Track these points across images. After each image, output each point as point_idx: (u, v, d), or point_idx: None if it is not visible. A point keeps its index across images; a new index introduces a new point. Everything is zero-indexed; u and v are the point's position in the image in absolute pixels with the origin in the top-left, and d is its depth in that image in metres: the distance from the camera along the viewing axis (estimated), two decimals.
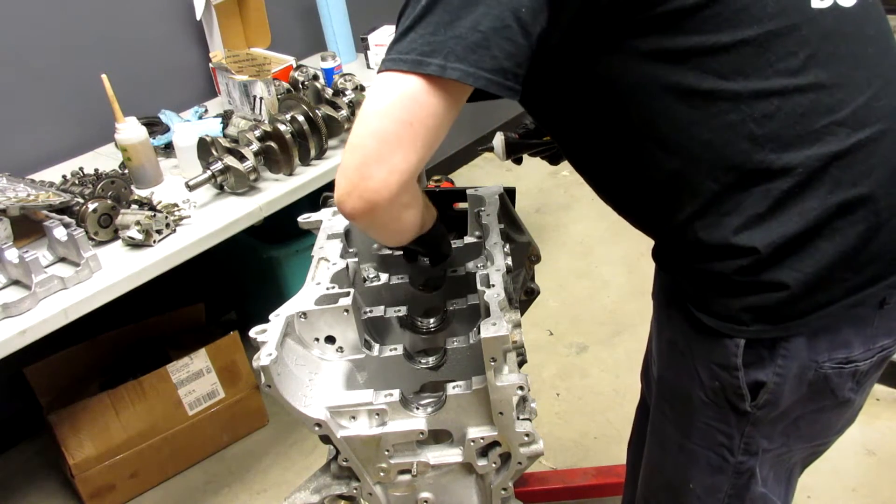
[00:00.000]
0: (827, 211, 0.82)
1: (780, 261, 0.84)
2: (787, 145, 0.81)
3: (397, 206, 0.81)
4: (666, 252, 0.97)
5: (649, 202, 0.94)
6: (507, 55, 0.75)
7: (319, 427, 0.90)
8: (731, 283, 0.88)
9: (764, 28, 0.79)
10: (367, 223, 0.83)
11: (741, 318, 0.89)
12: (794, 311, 0.87)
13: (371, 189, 0.76)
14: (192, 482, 2.11)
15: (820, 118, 0.81)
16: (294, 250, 2.18)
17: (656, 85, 0.82)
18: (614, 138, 0.90)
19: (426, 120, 0.76)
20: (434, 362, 0.99)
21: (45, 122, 2.04)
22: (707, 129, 0.83)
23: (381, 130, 0.75)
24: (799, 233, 0.83)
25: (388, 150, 0.75)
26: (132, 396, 1.97)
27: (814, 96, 0.81)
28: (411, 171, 0.77)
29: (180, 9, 2.25)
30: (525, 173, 3.42)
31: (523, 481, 1.82)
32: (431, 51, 0.74)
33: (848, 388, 0.94)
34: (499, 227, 1.12)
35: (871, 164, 0.82)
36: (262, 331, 0.91)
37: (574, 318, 2.54)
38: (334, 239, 1.11)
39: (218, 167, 1.70)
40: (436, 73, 0.73)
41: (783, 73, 0.80)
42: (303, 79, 2.09)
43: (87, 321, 1.54)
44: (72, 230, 1.51)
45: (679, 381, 1.00)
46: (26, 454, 2.23)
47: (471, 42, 0.73)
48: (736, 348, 0.90)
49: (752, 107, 0.81)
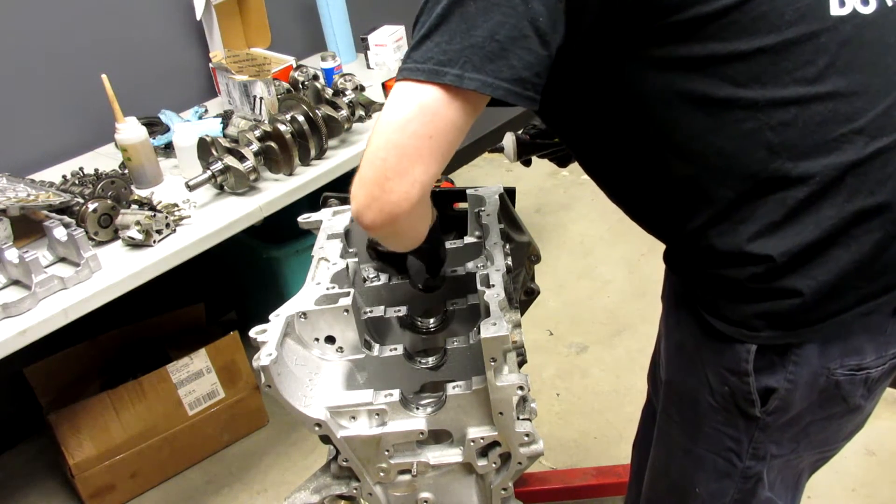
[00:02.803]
0: (843, 220, 0.82)
1: (794, 269, 0.84)
2: (805, 154, 0.81)
3: (416, 216, 0.82)
4: (678, 256, 0.97)
5: (663, 208, 0.94)
6: (525, 65, 0.75)
7: (319, 427, 0.90)
8: (744, 289, 0.87)
9: (782, 36, 0.78)
10: (387, 233, 0.84)
11: (753, 323, 0.88)
12: (807, 318, 0.86)
13: (392, 202, 0.76)
14: (192, 482, 2.11)
15: (838, 127, 0.80)
16: (294, 250, 2.18)
17: (672, 92, 0.82)
18: (629, 145, 0.90)
19: (446, 132, 0.76)
20: (434, 362, 0.99)
21: (46, 122, 2.04)
22: (723, 137, 0.82)
23: (402, 145, 0.74)
24: (815, 241, 0.82)
25: (409, 163, 0.75)
26: (132, 396, 1.97)
27: (832, 105, 0.80)
28: (431, 182, 0.78)
29: (180, 9, 2.25)
30: (525, 173, 3.41)
31: (523, 481, 1.82)
32: (448, 60, 0.73)
33: (859, 394, 0.93)
34: (499, 227, 1.12)
35: (887, 173, 0.81)
36: (262, 331, 0.91)
37: (574, 318, 2.54)
38: (334, 239, 1.11)
39: (218, 167, 1.70)
40: (453, 83, 0.73)
41: (801, 82, 0.79)
42: (303, 79, 2.09)
43: (87, 321, 1.54)
44: (72, 230, 1.51)
45: (687, 385, 1.00)
46: (26, 454, 2.22)
47: (488, 51, 0.73)
48: (747, 354, 0.90)
49: (769, 115, 0.80)
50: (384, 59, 2.45)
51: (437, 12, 0.74)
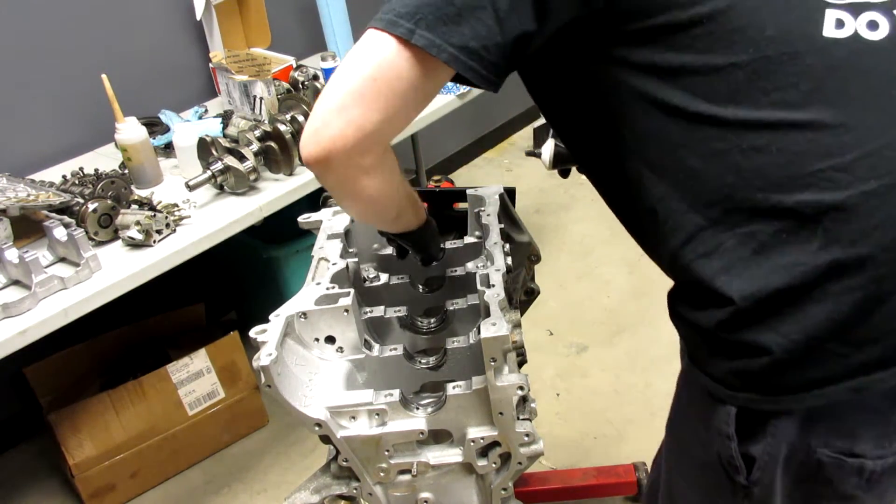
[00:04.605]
0: (817, 269, 0.73)
1: (760, 319, 0.76)
2: (777, 185, 0.74)
3: (354, 167, 0.78)
4: (670, 296, 0.90)
5: (643, 227, 0.90)
6: (475, 35, 0.73)
7: (319, 427, 0.90)
8: (716, 339, 0.81)
9: (760, 53, 0.73)
10: (321, 172, 0.79)
11: (731, 381, 0.81)
12: (783, 383, 0.78)
13: (327, 136, 0.75)
14: (192, 482, 2.11)
15: (817, 160, 0.72)
16: (294, 250, 2.18)
17: (646, 100, 0.78)
18: (611, 154, 0.87)
19: (392, 81, 0.75)
20: (434, 362, 0.99)
21: (45, 122, 2.04)
22: (692, 154, 0.77)
23: (347, 82, 0.75)
24: (783, 288, 0.74)
25: (350, 101, 0.74)
26: (132, 396, 1.97)
27: (812, 135, 0.73)
28: (370, 130, 0.75)
29: (180, 9, 2.25)
30: (525, 173, 3.42)
31: (523, 481, 1.81)
32: (406, 13, 0.73)
33: (852, 484, 0.82)
34: (499, 227, 1.12)
35: (874, 223, 0.71)
36: (262, 331, 0.91)
37: (574, 318, 2.54)
38: (334, 239, 1.11)
39: (218, 167, 1.70)
40: (403, 35, 0.73)
41: (779, 105, 0.73)
42: (303, 79, 2.09)
43: (87, 321, 1.55)
44: (72, 230, 1.51)
45: (683, 431, 0.96)
46: (26, 454, 2.22)
47: (443, 13, 0.73)
48: (727, 416, 0.82)
49: (740, 137, 0.74)
50: None
51: None
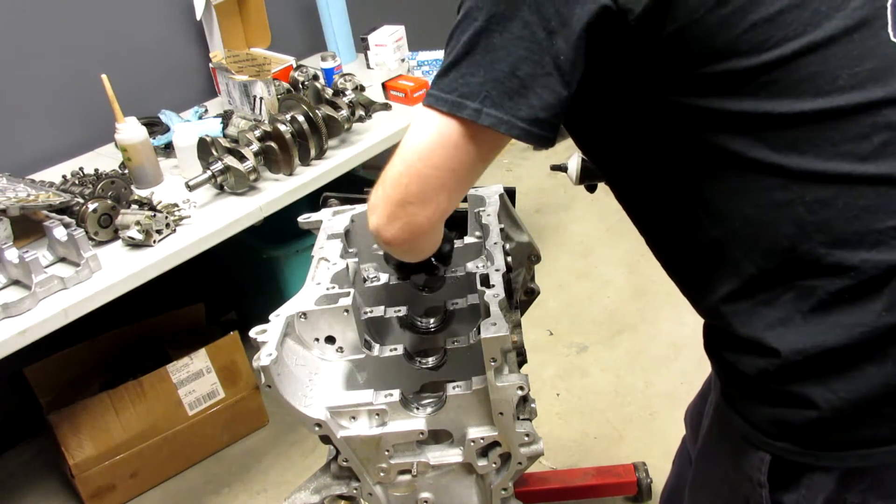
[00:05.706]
0: (878, 331, 0.70)
1: (810, 374, 0.74)
2: (842, 242, 0.70)
3: (436, 234, 0.87)
4: (706, 331, 0.88)
5: (691, 270, 0.86)
6: (544, 105, 0.72)
7: (319, 427, 0.90)
8: (757, 386, 0.78)
9: (831, 103, 0.69)
10: (405, 250, 0.85)
11: (769, 429, 0.78)
12: (826, 440, 0.75)
13: (416, 224, 0.78)
14: (192, 482, 2.11)
15: (887, 218, 0.69)
16: (294, 250, 2.18)
17: (704, 144, 0.75)
18: (660, 193, 0.85)
19: (469, 164, 0.77)
20: (434, 362, 0.99)
21: (45, 123, 2.04)
22: (751, 203, 0.74)
23: (425, 175, 0.75)
24: (839, 347, 0.71)
25: (433, 192, 0.76)
26: (132, 396, 1.97)
27: (883, 190, 0.69)
28: (446, 208, 0.79)
29: (180, 9, 2.25)
30: (525, 173, 3.42)
31: (523, 481, 1.81)
32: (469, 93, 0.72)
33: None
34: (499, 227, 1.12)
35: None
36: (262, 331, 0.91)
37: (574, 318, 2.54)
38: (334, 239, 1.11)
39: (218, 167, 1.70)
40: (471, 117, 0.72)
41: (848, 157, 0.69)
42: (303, 79, 2.10)
43: (87, 321, 1.55)
44: (72, 230, 1.51)
45: (711, 465, 0.94)
46: (26, 454, 2.22)
47: (508, 87, 0.72)
48: (760, 462, 0.80)
49: (804, 189, 0.71)
50: (384, 59, 2.45)
51: (463, 41, 0.73)
